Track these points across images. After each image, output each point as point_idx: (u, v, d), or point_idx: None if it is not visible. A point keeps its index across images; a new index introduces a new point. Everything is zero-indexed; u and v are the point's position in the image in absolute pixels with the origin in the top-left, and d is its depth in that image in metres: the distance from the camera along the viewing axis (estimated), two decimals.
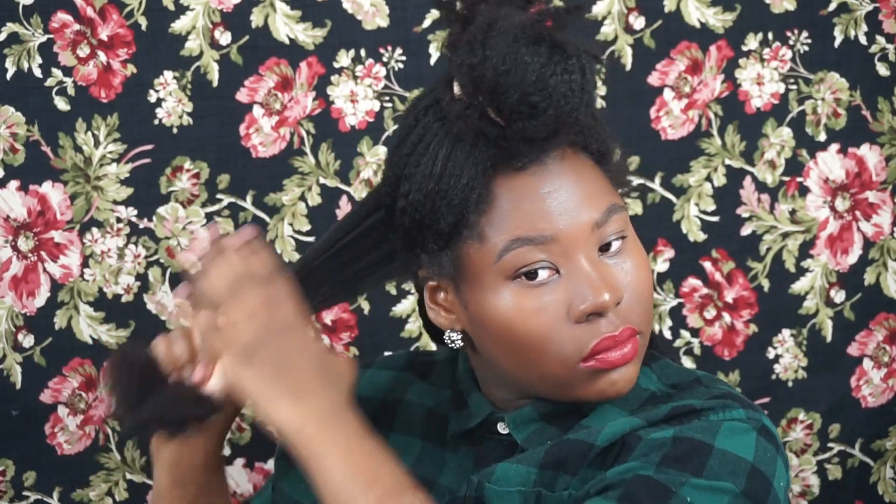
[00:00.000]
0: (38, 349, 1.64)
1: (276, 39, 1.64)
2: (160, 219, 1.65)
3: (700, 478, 1.08)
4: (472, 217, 1.14)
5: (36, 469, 1.66)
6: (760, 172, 1.74)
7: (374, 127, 1.67)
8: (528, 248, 1.13)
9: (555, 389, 1.17)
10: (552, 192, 1.13)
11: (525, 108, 1.11)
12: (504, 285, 1.14)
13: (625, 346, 1.14)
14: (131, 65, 1.62)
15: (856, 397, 1.79)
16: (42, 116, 1.61)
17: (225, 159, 1.65)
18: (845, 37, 1.73)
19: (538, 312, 1.13)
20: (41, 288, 1.63)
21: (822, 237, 1.76)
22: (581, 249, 1.14)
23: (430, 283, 1.20)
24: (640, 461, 1.10)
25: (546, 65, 1.10)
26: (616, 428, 1.14)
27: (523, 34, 1.11)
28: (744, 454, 1.10)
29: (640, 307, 1.15)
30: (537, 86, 1.10)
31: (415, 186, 1.14)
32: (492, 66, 1.10)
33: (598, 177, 1.17)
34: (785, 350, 1.77)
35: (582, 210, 1.14)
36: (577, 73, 1.12)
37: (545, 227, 1.13)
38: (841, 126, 1.75)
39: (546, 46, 1.11)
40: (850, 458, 1.81)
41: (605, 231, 1.15)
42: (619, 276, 1.14)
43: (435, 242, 1.16)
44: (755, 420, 1.14)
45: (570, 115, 1.12)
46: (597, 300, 1.12)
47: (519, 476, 1.15)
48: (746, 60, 1.72)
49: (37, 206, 1.62)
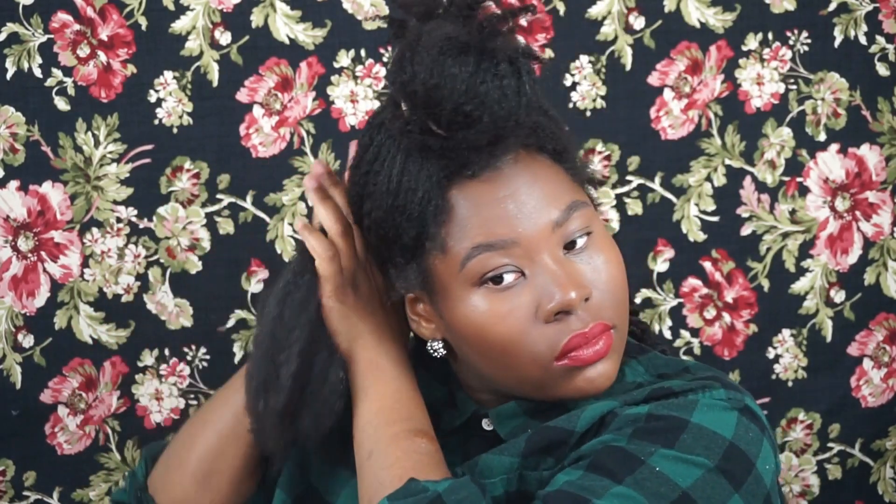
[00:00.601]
0: (38, 349, 1.64)
1: (276, 39, 1.64)
2: (160, 219, 1.64)
3: (671, 449, 1.09)
4: (433, 229, 1.15)
5: (36, 469, 1.66)
6: (760, 172, 1.74)
7: None
8: (489, 254, 1.14)
9: (534, 390, 1.18)
10: (508, 195, 1.14)
11: (460, 118, 1.11)
12: (472, 292, 1.15)
13: (597, 343, 1.14)
14: (131, 65, 1.62)
15: (856, 397, 1.79)
16: (42, 116, 1.60)
17: (225, 159, 1.65)
18: (845, 37, 1.73)
19: (507, 316, 1.14)
20: (41, 288, 1.63)
21: (822, 237, 1.76)
22: (544, 249, 1.14)
23: (409, 295, 1.21)
24: (614, 433, 1.11)
25: (475, 73, 1.11)
26: (595, 411, 1.15)
27: (448, 46, 1.11)
28: (721, 431, 1.10)
29: (611, 301, 1.16)
30: (468, 95, 1.11)
31: (375, 204, 1.17)
32: (421, 82, 1.11)
33: (557, 175, 1.17)
34: (785, 350, 1.77)
35: (540, 210, 1.14)
36: (509, 77, 1.12)
37: (504, 231, 1.13)
38: (841, 126, 1.75)
39: (474, 55, 1.11)
40: (850, 458, 1.81)
41: (568, 229, 1.15)
42: (586, 272, 1.15)
43: (402, 256, 1.18)
44: (736, 400, 1.13)
45: (508, 118, 1.12)
46: (563, 298, 1.13)
47: (502, 466, 1.16)
48: (746, 60, 1.72)
49: (37, 206, 1.61)
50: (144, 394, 1.67)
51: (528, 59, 1.14)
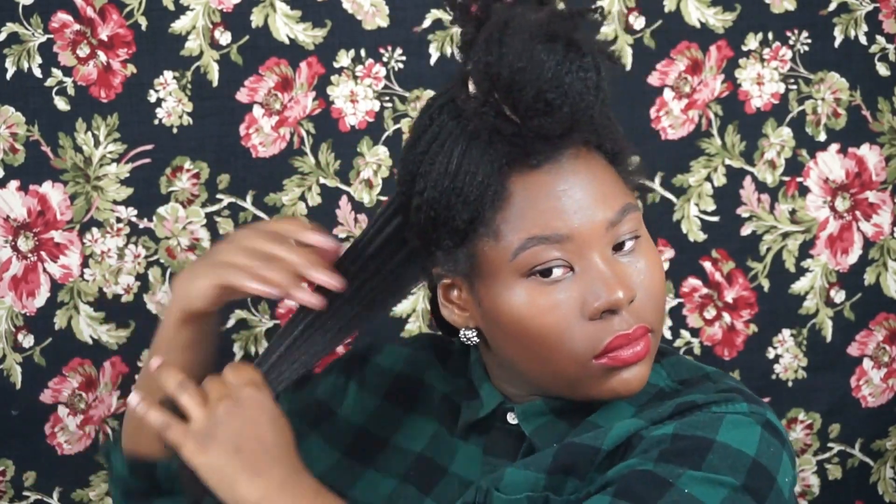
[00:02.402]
0: (38, 349, 1.64)
1: (276, 39, 1.63)
2: (160, 219, 1.64)
3: (699, 471, 1.09)
4: (488, 214, 1.14)
5: (36, 469, 1.65)
6: (760, 172, 1.74)
7: (374, 127, 1.67)
8: (543, 247, 1.13)
9: (567, 387, 1.18)
10: (567, 190, 1.14)
11: (541, 106, 1.11)
12: (518, 282, 1.15)
13: (637, 345, 1.15)
14: (131, 65, 1.61)
15: (856, 397, 1.79)
16: (42, 116, 1.60)
17: (225, 159, 1.64)
18: (845, 37, 1.73)
19: (552, 309, 1.14)
20: (41, 288, 1.63)
21: (822, 237, 1.76)
22: (595, 248, 1.14)
23: (444, 280, 1.21)
24: (640, 457, 1.11)
25: (562, 62, 1.11)
26: (622, 430, 1.15)
27: (539, 32, 1.11)
28: (745, 448, 1.11)
29: (652, 305, 1.16)
30: (553, 83, 1.10)
31: (430, 184, 1.15)
32: (508, 64, 1.11)
33: (612, 176, 1.18)
34: (785, 350, 1.77)
35: (597, 209, 1.14)
36: (592, 72, 1.12)
37: (560, 225, 1.13)
38: (841, 126, 1.75)
39: (562, 44, 1.11)
40: (850, 458, 1.81)
41: (619, 230, 1.15)
42: (632, 274, 1.15)
43: (450, 239, 1.16)
44: (759, 414, 1.14)
45: (586, 112, 1.13)
46: (610, 297, 1.13)
47: (527, 482, 1.15)
48: (746, 60, 1.72)
49: (37, 206, 1.61)
50: None
51: (606, 59, 1.15)
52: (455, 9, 1.17)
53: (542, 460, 1.16)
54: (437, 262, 1.19)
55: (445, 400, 1.30)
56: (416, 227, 1.19)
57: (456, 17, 1.18)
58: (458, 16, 1.17)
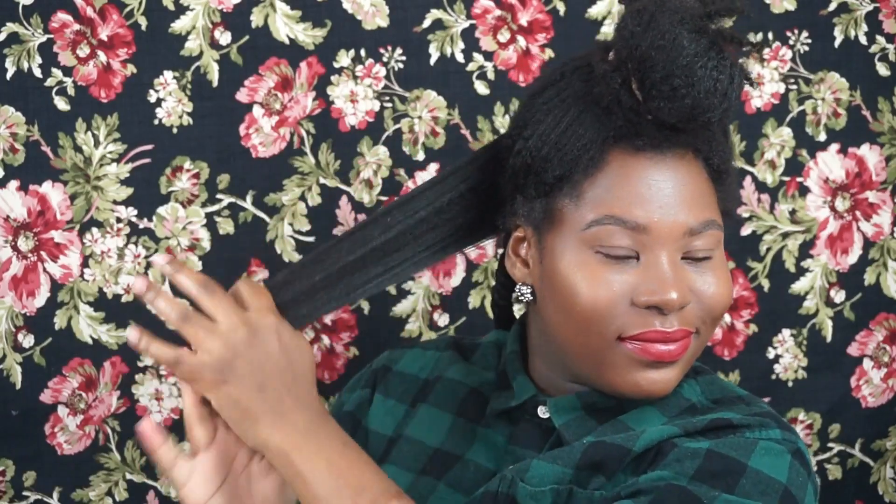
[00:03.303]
0: (38, 349, 1.63)
1: (276, 39, 1.63)
2: (160, 219, 1.64)
3: (732, 494, 1.09)
4: (578, 176, 1.16)
5: (36, 469, 1.65)
6: (760, 172, 1.74)
7: (374, 127, 1.67)
8: (617, 229, 1.15)
9: (593, 368, 1.18)
10: (660, 182, 1.15)
11: (666, 89, 1.12)
12: (583, 251, 1.16)
13: (672, 344, 1.15)
14: (131, 65, 1.61)
15: (856, 397, 1.79)
16: (42, 116, 1.60)
17: (225, 159, 1.64)
18: (845, 37, 1.73)
19: (604, 285, 1.15)
20: (41, 288, 1.62)
21: (822, 237, 1.76)
22: (666, 247, 1.15)
23: (517, 234, 1.22)
24: (674, 470, 1.11)
25: (699, 55, 1.12)
26: (654, 435, 1.15)
27: (690, 20, 1.13)
28: (777, 476, 1.11)
29: (703, 315, 1.17)
30: (684, 71, 1.11)
31: (538, 132, 1.17)
32: (650, 38, 1.12)
33: (709, 190, 1.18)
34: (785, 350, 1.77)
35: (680, 211, 1.15)
36: (725, 76, 1.13)
37: (641, 214, 1.14)
38: (841, 126, 1.75)
39: (707, 40, 1.13)
40: (850, 458, 1.81)
41: (696, 241, 1.16)
42: (695, 282, 1.16)
43: (535, 189, 1.18)
44: (791, 442, 1.14)
45: (705, 112, 1.13)
46: (663, 296, 1.14)
47: (554, 475, 1.15)
48: (746, 60, 1.70)
49: (37, 206, 1.61)
50: (144, 394, 1.67)
51: (745, 77, 1.15)
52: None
53: (570, 455, 1.16)
54: (517, 208, 1.20)
55: (473, 393, 1.30)
56: (510, 169, 1.20)
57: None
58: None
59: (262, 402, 1.10)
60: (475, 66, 1.67)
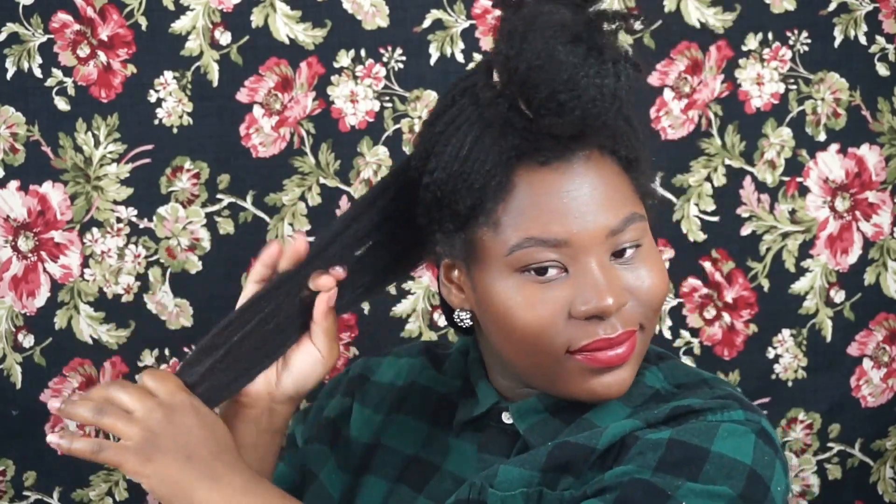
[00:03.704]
0: (38, 349, 1.64)
1: (276, 39, 1.63)
2: (160, 219, 1.64)
3: (696, 482, 1.09)
4: (490, 204, 1.14)
5: (36, 469, 1.65)
6: (760, 172, 1.74)
7: (374, 127, 1.67)
8: (539, 248, 1.13)
9: (548, 383, 1.18)
10: (572, 191, 1.14)
11: (553, 105, 1.11)
12: (511, 276, 1.15)
13: (619, 347, 1.15)
14: (131, 65, 1.62)
15: (855, 397, 1.79)
16: (42, 116, 1.61)
17: (225, 159, 1.65)
18: (845, 37, 1.73)
19: (539, 305, 1.14)
20: (41, 288, 1.63)
21: (822, 237, 1.76)
22: (593, 253, 1.14)
23: (446, 260, 1.21)
24: (637, 464, 1.11)
25: (579, 66, 1.10)
26: (616, 430, 1.14)
27: (563, 32, 1.11)
28: (741, 457, 1.11)
29: (644, 311, 1.16)
30: (567, 85, 1.10)
31: (441, 164, 1.15)
32: (526, 60, 1.11)
33: (623, 183, 1.17)
34: (785, 350, 1.77)
35: (599, 215, 1.14)
36: (609, 78, 1.11)
37: (559, 230, 1.13)
38: (841, 126, 1.74)
39: (583, 48, 1.11)
40: (849, 457, 1.80)
41: (620, 238, 1.15)
42: (628, 280, 1.15)
43: (451, 223, 1.17)
44: (754, 422, 1.14)
45: (598, 118, 1.12)
46: (599, 304, 1.13)
47: (522, 479, 1.15)
48: (746, 60, 1.72)
49: (37, 206, 1.61)
50: None
51: (629, 66, 1.14)
52: None
53: (536, 458, 1.16)
54: (437, 243, 1.20)
55: (442, 400, 1.30)
56: (422, 205, 1.19)
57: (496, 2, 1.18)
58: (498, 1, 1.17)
59: (193, 470, 1.11)
60: None
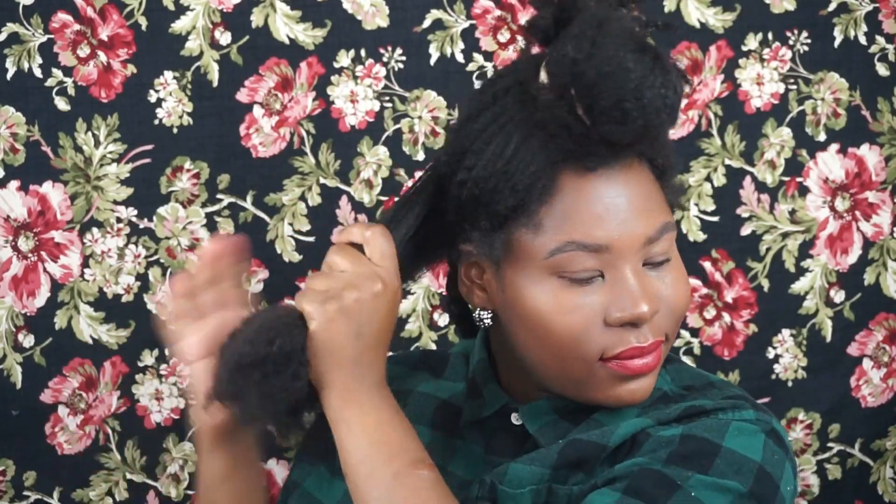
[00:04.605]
0: (39, 349, 1.64)
1: (276, 39, 1.64)
2: (160, 219, 1.64)
3: (707, 475, 1.09)
4: (533, 206, 1.13)
5: (36, 469, 1.66)
6: (760, 172, 1.74)
7: (375, 127, 1.67)
8: (580, 254, 1.13)
9: (573, 388, 1.18)
10: (615, 198, 1.13)
11: (617, 114, 1.10)
12: (548, 279, 1.14)
13: (649, 356, 1.15)
14: (131, 65, 1.62)
15: (855, 397, 1.79)
16: (42, 116, 1.61)
17: (225, 159, 1.65)
18: (845, 37, 1.73)
19: (574, 310, 1.14)
20: (41, 288, 1.63)
21: (822, 237, 1.76)
22: (629, 260, 1.14)
23: (470, 259, 1.19)
24: (648, 457, 1.11)
25: (646, 76, 1.10)
26: (628, 429, 1.15)
27: (630, 40, 1.10)
28: (752, 455, 1.11)
29: (672, 319, 1.16)
30: (634, 94, 1.09)
31: (481, 163, 1.13)
32: (595, 65, 1.09)
33: (657, 192, 1.17)
34: (785, 350, 1.77)
35: (638, 222, 1.14)
36: (671, 90, 1.11)
37: (601, 235, 1.13)
38: (841, 126, 1.74)
39: (650, 57, 1.10)
40: (849, 457, 1.80)
41: (654, 248, 1.15)
42: (659, 289, 1.15)
43: (489, 221, 1.15)
44: (765, 422, 1.14)
45: (657, 129, 1.12)
46: (635, 311, 1.13)
47: (532, 476, 1.15)
48: (746, 60, 1.72)
49: (37, 206, 1.61)
50: (145, 394, 1.67)
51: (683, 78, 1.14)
52: None
53: (546, 456, 1.16)
54: (470, 241, 1.17)
55: (444, 405, 1.30)
56: (455, 201, 1.17)
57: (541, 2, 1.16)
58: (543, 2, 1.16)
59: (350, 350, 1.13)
60: (475, 66, 1.68)
